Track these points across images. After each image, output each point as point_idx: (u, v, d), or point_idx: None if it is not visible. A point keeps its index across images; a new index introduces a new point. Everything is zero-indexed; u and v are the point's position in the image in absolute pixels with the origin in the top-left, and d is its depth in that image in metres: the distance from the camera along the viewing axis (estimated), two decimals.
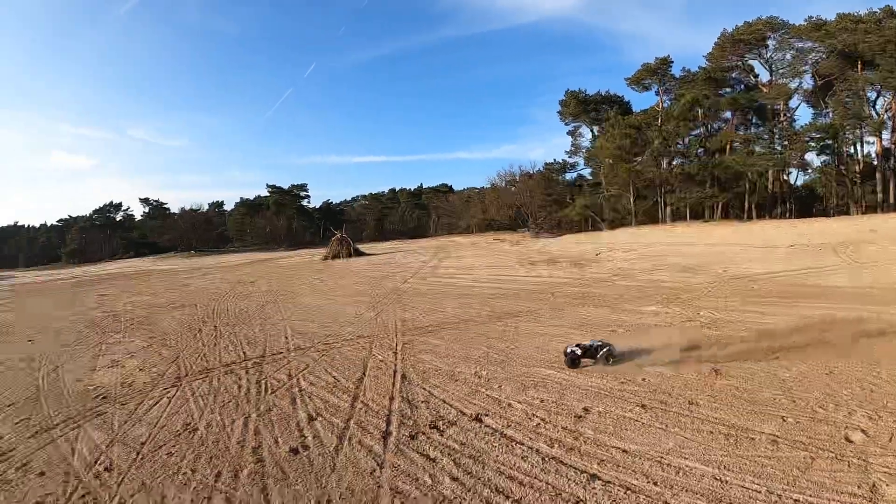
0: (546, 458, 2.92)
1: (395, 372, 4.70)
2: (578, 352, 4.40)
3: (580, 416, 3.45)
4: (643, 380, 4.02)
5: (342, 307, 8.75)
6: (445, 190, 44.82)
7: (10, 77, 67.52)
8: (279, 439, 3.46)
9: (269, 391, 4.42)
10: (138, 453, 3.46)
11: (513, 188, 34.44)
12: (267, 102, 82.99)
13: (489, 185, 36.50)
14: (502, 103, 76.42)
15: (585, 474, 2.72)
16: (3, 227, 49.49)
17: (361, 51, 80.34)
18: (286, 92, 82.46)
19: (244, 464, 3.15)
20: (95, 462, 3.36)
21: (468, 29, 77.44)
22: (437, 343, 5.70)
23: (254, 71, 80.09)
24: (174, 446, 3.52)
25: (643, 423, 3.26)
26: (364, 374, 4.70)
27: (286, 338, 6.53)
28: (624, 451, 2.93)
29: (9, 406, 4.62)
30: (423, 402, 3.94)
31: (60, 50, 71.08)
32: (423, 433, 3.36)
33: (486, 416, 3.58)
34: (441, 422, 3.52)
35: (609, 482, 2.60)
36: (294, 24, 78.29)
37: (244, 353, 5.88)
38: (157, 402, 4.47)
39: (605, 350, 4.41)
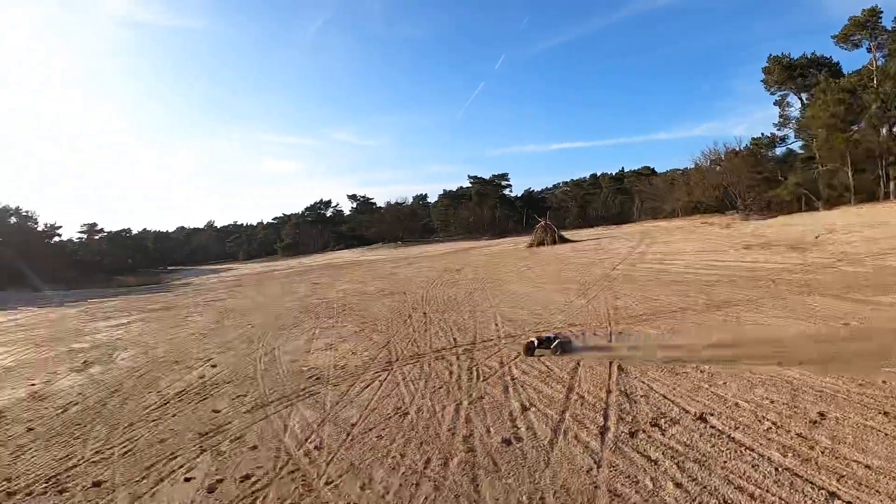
0: (779, 469, 3.95)
1: (610, 363, 6.57)
2: (535, 342, 7.45)
3: (815, 422, 4.64)
4: (884, 382, 5.29)
5: (551, 294, 12.64)
6: (647, 173, 63.17)
7: (224, 99, 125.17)
8: (491, 429, 4.99)
9: (481, 378, 6.47)
10: (348, 434, 5.24)
11: (718, 167, 48.70)
12: (460, 98, 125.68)
13: (693, 166, 52.53)
14: (699, 78, 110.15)
15: (824, 491, 3.62)
16: (225, 226, 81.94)
17: (548, 38, 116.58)
18: (478, 86, 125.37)
19: (454, 452, 4.59)
20: (306, 440, 5.24)
21: (652, 3, 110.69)
22: (652, 333, 8.13)
23: (444, 69, 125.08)
24: (384, 429, 5.24)
25: (887, 435, 4.30)
26: (578, 363, 6.71)
27: (496, 325, 9.61)
28: (867, 466, 3.88)
29: (227, 383, 7.62)
30: (642, 396, 5.48)
31: (263, 71, 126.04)
32: (644, 431, 4.63)
33: (711, 415, 4.91)
34: (663, 419, 4.85)
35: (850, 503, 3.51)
36: (477, 22, 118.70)
37: (454, 339, 8.77)
38: (368, 385, 6.65)
39: (556, 343, 7.37)
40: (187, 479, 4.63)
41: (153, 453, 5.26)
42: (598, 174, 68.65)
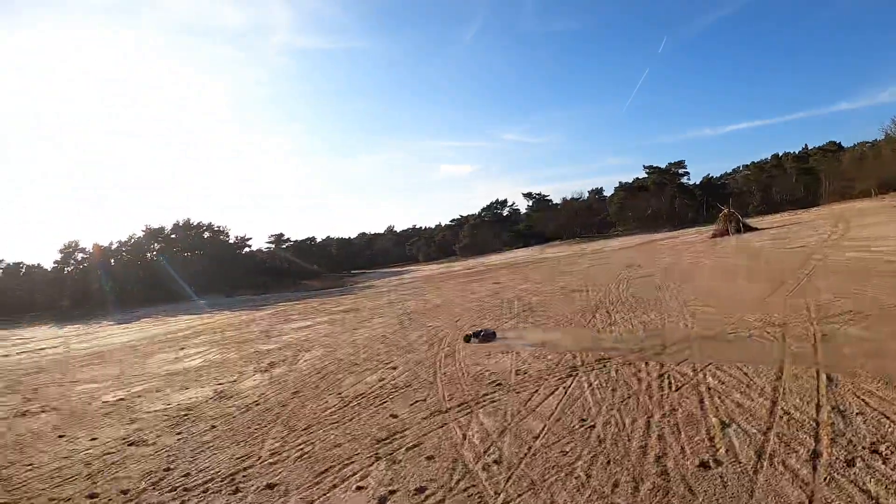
0: None
1: (817, 371, 5.82)
2: (471, 333, 10.15)
3: None
4: None
5: (742, 289, 11.77)
6: (833, 149, 59.43)
7: (393, 112, 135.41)
8: (686, 448, 4.44)
9: (673, 388, 5.85)
10: (530, 448, 4.76)
11: None
12: (626, 87, 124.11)
13: (883, 138, 49.58)
14: (879, 35, 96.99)
15: None
16: (404, 230, 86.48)
17: (709, 12, 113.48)
18: (643, 72, 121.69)
19: (645, 475, 4.06)
20: (485, 452, 4.82)
21: None
22: (864, 336, 7.05)
23: (605, 60, 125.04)
24: (568, 444, 4.72)
25: None
26: (781, 371, 5.97)
27: (686, 324, 8.99)
28: None
29: (407, 387, 7.41)
30: (857, 413, 4.71)
31: (427, 81, 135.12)
32: (862, 458, 3.97)
33: None
34: (883, 444, 4.12)
35: None
36: (633, 5, 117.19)
37: (641, 340, 8.14)
38: (552, 393, 6.16)
39: (482, 333, 9.92)
40: (359, 488, 4.38)
41: (328, 458, 5.08)
42: (780, 154, 65.54)
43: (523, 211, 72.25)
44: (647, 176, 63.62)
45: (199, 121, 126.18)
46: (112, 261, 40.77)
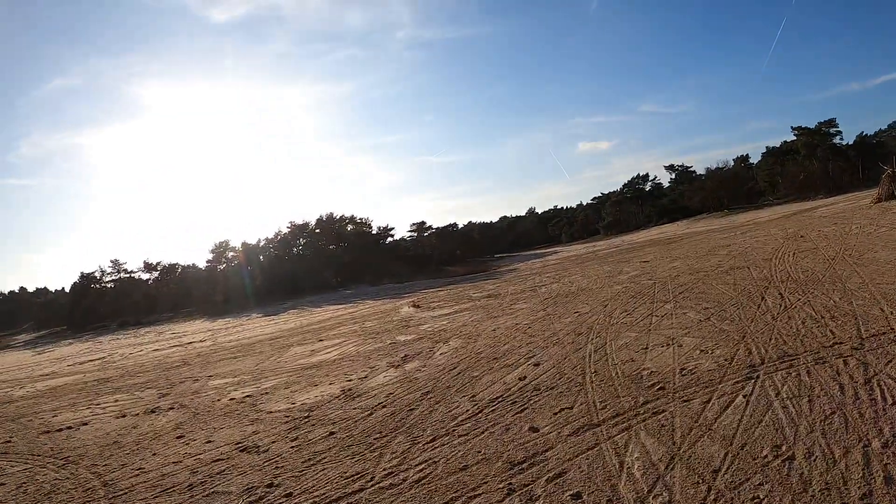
0: None
1: None
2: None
3: None
4: None
5: None
6: None
7: (525, 95, 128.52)
8: None
9: (889, 400, 4.52)
10: (710, 488, 3.60)
11: None
12: (761, 44, 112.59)
13: None
14: None
15: None
16: (545, 211, 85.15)
17: None
18: (780, 24, 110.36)
19: None
20: (649, 491, 3.71)
21: None
22: None
23: (734, 17, 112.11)
24: (761, 484, 3.55)
25: None
26: None
27: (882, 309, 7.31)
28: None
29: (550, 389, 6.36)
30: None
31: (556, 59, 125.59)
32: None
33: None
34: None
35: None
36: None
37: (831, 331, 6.69)
38: (729, 403, 4.93)
39: None
40: None
41: (451, 485, 4.19)
42: None
43: (666, 185, 68.65)
44: (795, 138, 57.78)
45: (337, 120, 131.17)
46: (261, 257, 42.47)
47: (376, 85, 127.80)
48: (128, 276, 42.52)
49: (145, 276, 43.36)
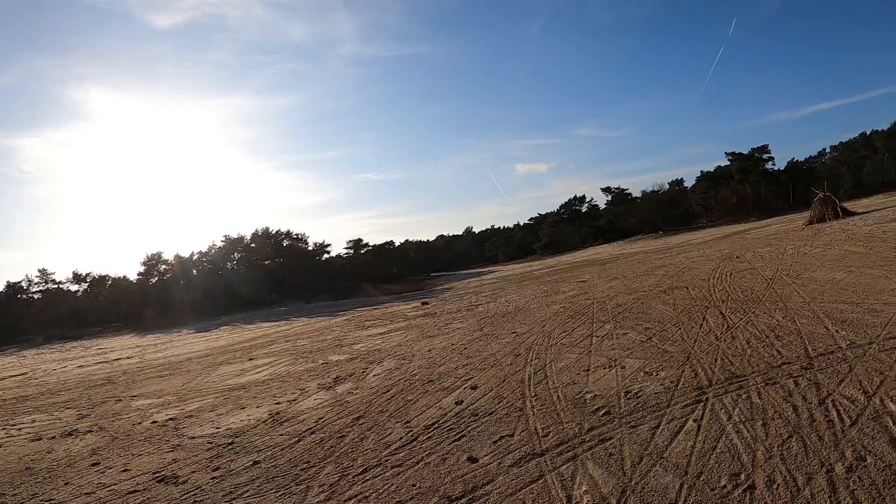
0: None
1: None
2: None
3: None
4: None
5: (875, 281, 9.84)
6: None
7: (465, 113, 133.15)
8: None
9: (847, 421, 4.36)
10: None
11: None
12: (700, 73, 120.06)
13: None
14: None
15: None
16: (482, 231, 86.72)
17: None
18: (717, 55, 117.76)
19: None
20: None
21: None
22: None
23: (674, 46, 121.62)
24: None
25: None
26: None
27: (826, 328, 7.26)
28: None
29: (489, 415, 6.01)
30: None
31: (497, 81, 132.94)
32: None
33: None
34: None
35: None
36: None
37: (777, 351, 6.57)
38: (679, 428, 4.69)
39: None
40: None
41: None
42: (868, 133, 61.03)
43: (602, 206, 70.99)
44: (729, 163, 60.97)
45: (276, 134, 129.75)
46: (194, 271, 41.41)
47: (317, 100, 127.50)
48: (56, 286, 40.73)
49: (74, 288, 41.70)
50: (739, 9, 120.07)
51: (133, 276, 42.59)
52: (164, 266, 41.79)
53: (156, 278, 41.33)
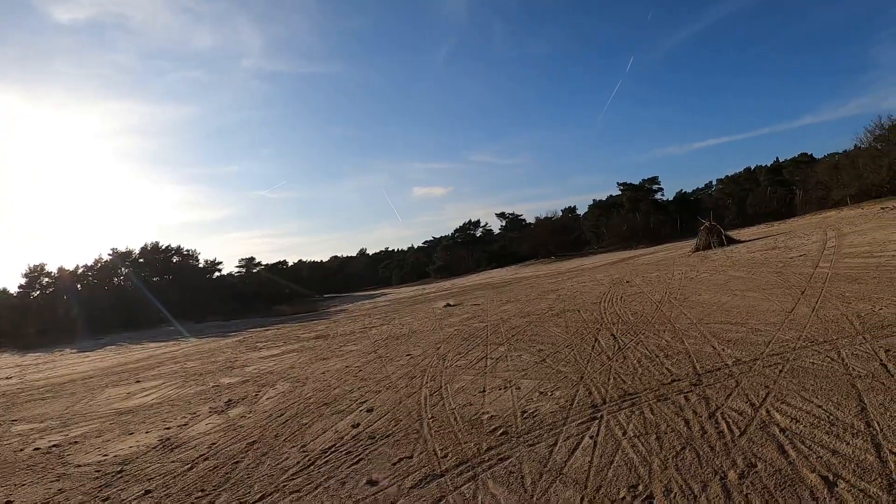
0: None
1: None
2: None
3: None
4: None
5: (757, 304, 10.48)
6: (806, 160, 61.17)
7: (366, 135, 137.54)
8: None
9: (736, 431, 4.64)
10: None
11: (881, 145, 44.91)
12: (595, 108, 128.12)
13: (857, 146, 49.88)
14: (836, 51, 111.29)
15: None
16: (376, 253, 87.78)
17: (673, 34, 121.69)
18: (612, 90, 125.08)
19: None
20: None
21: None
22: None
23: (575, 82, 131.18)
24: None
25: None
26: (860, 398, 4.96)
27: (713, 347, 7.65)
28: None
29: (387, 437, 5.96)
30: None
31: (400, 104, 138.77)
32: None
33: None
34: None
35: None
36: (599, 27, 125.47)
37: (667, 369, 6.87)
38: (576, 445, 4.81)
39: None
40: None
41: None
42: (753, 167, 67.77)
43: (496, 231, 73.23)
44: (620, 193, 64.82)
45: (170, 144, 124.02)
46: (78, 285, 38.65)
47: (218, 112, 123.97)
48: None
49: None
50: (637, 48, 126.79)
51: (13, 289, 39.20)
52: (46, 279, 38.78)
53: (38, 292, 38.19)
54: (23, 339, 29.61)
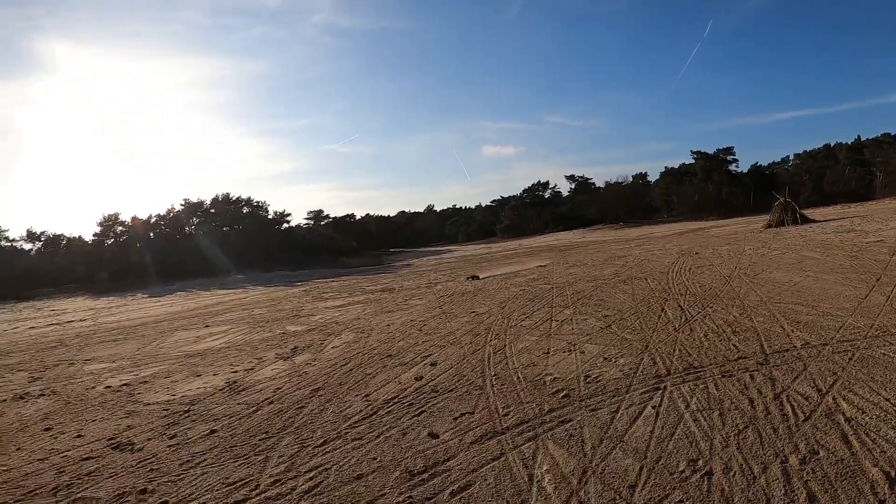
0: None
1: None
2: None
3: None
4: None
5: (830, 287, 9.99)
6: (889, 140, 55.57)
7: (437, 92, 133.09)
8: None
9: (801, 415, 4.48)
10: (627, 502, 3.38)
11: None
12: (671, 72, 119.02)
13: None
14: None
15: None
16: (444, 209, 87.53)
17: None
18: (690, 55, 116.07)
19: None
20: None
21: None
22: None
23: (650, 43, 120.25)
24: (679, 500, 3.37)
25: None
26: None
27: (782, 327, 7.36)
28: None
29: (449, 392, 6.03)
30: None
31: (471, 61, 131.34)
32: None
33: None
34: None
35: None
36: None
37: (734, 346, 6.68)
38: (638, 414, 4.77)
39: None
40: None
41: (345, 496, 3.73)
42: (832, 144, 62.74)
43: (565, 193, 71.85)
44: (694, 161, 62.14)
45: (243, 99, 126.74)
46: (151, 234, 40.21)
47: (288, 68, 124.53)
48: (9, 244, 38.86)
49: (27, 247, 39.72)
50: (716, 11, 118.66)
51: (88, 237, 40.91)
52: (120, 227, 40.28)
53: (112, 240, 39.79)
54: (97, 285, 31.23)
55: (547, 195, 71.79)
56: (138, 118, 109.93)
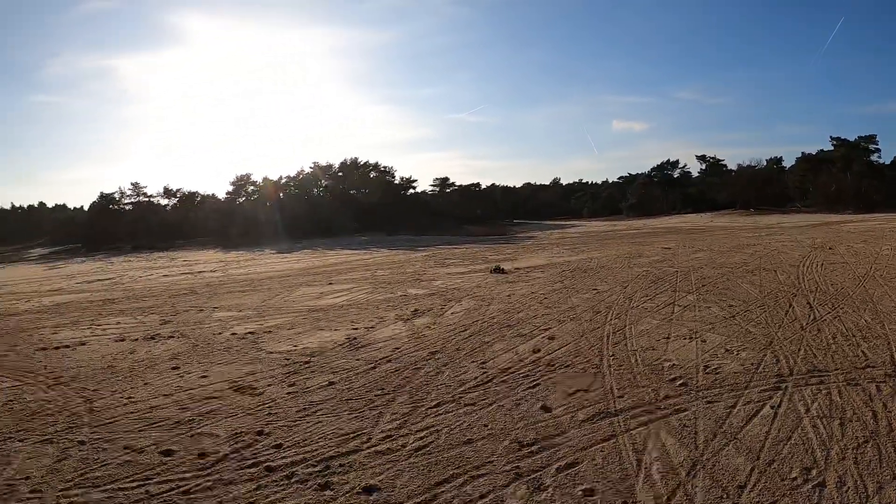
0: None
1: None
2: None
3: None
4: None
5: None
6: None
7: (563, 64, 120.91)
8: None
9: None
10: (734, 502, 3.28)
11: None
12: (814, 44, 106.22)
13: None
14: None
15: None
16: (570, 183, 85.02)
17: None
18: (832, 31, 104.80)
19: None
20: (668, 499, 3.36)
21: None
22: None
23: (791, 13, 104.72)
24: None
25: None
26: None
27: None
28: None
29: (566, 367, 6.04)
30: None
31: (599, 32, 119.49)
32: None
33: None
34: None
35: None
36: None
37: (863, 352, 6.19)
38: (756, 412, 4.59)
39: None
40: None
41: (452, 460, 3.88)
42: None
43: (695, 175, 68.52)
44: (833, 148, 56.34)
45: (369, 68, 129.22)
46: (280, 194, 42.23)
47: (414, 37, 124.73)
48: (147, 200, 42.33)
49: (164, 202, 43.17)
50: None
51: (221, 195, 44.05)
52: (251, 187, 42.86)
53: (243, 198, 42.49)
54: (228, 239, 33.30)
55: (676, 174, 68.76)
56: (270, 85, 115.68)
